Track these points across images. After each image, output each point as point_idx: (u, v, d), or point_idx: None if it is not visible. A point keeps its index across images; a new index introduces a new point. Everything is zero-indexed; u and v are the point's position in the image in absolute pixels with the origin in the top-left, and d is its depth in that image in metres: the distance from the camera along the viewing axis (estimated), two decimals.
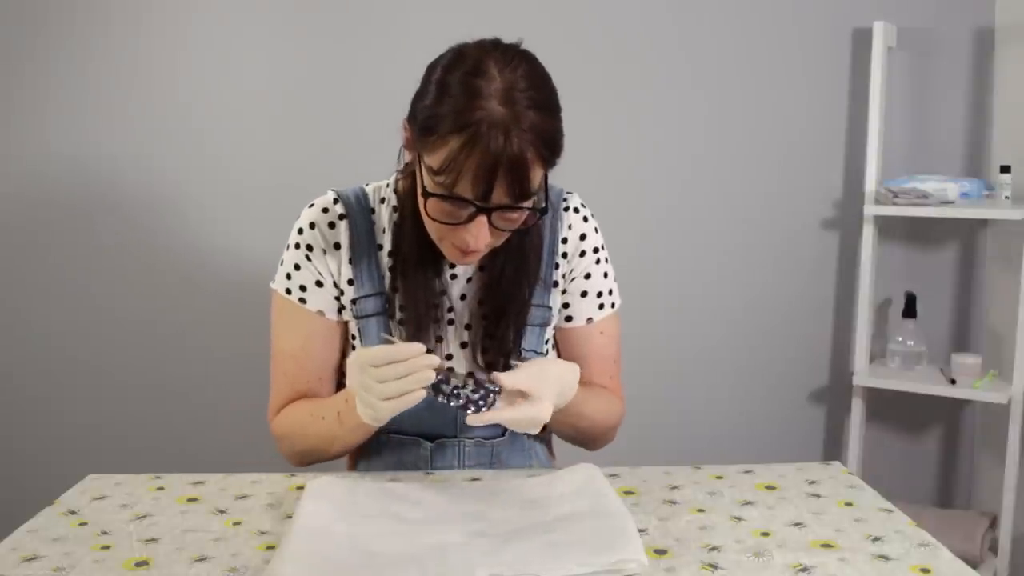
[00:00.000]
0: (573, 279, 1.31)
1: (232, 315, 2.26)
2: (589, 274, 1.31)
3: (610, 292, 1.34)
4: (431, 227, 1.13)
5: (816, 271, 2.41)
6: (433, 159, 1.05)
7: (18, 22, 2.17)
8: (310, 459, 1.28)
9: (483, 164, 1.02)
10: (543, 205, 1.12)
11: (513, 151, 1.02)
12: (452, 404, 1.09)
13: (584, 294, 1.31)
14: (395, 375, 1.04)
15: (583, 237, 1.30)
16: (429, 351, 1.05)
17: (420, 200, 1.10)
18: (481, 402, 1.09)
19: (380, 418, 1.10)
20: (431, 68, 1.11)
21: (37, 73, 2.19)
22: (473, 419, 1.08)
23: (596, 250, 1.32)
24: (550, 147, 1.07)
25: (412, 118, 1.11)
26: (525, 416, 1.09)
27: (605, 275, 1.33)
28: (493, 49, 1.08)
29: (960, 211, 2.16)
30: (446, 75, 1.06)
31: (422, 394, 1.05)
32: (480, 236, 1.08)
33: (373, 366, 1.04)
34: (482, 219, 1.07)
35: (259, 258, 2.11)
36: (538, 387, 1.11)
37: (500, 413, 1.08)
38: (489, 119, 1.02)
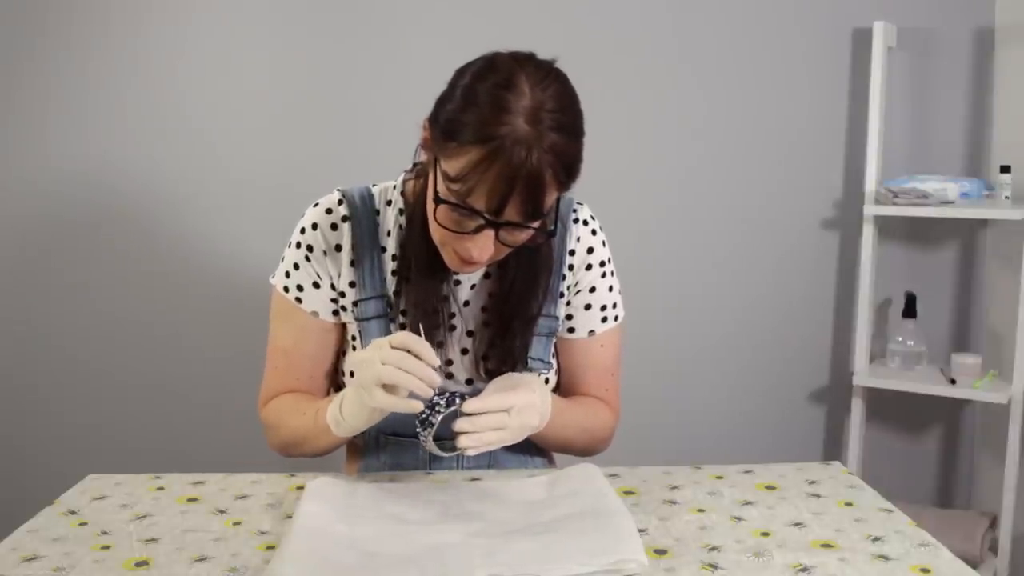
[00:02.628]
0: (578, 292, 1.31)
1: (232, 315, 2.26)
2: (594, 287, 1.31)
3: (614, 305, 1.33)
4: (436, 232, 1.12)
5: (816, 271, 2.41)
6: (450, 166, 1.04)
7: (18, 22, 2.17)
8: (292, 452, 1.28)
9: (500, 179, 1.01)
10: (552, 227, 1.11)
11: (532, 170, 1.01)
12: (422, 434, 1.10)
13: (588, 307, 1.31)
14: (400, 364, 1.03)
15: (590, 251, 1.30)
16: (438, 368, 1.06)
17: (430, 204, 1.10)
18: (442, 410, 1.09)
19: (352, 426, 1.12)
20: (460, 72, 1.09)
21: (36, 73, 2.19)
22: (468, 441, 1.06)
23: (603, 263, 1.31)
24: (568, 171, 1.06)
25: (434, 120, 1.09)
26: (518, 398, 1.10)
27: (610, 288, 1.33)
28: (527, 63, 1.06)
29: (960, 211, 2.16)
30: (475, 83, 1.05)
31: (417, 405, 1.05)
32: (484, 249, 1.08)
33: (391, 345, 1.04)
34: (489, 233, 1.06)
35: (260, 258, 2.11)
36: (512, 382, 1.14)
37: (489, 400, 1.08)
38: (513, 135, 1.00)
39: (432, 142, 1.09)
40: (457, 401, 1.09)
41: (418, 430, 1.11)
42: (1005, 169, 2.16)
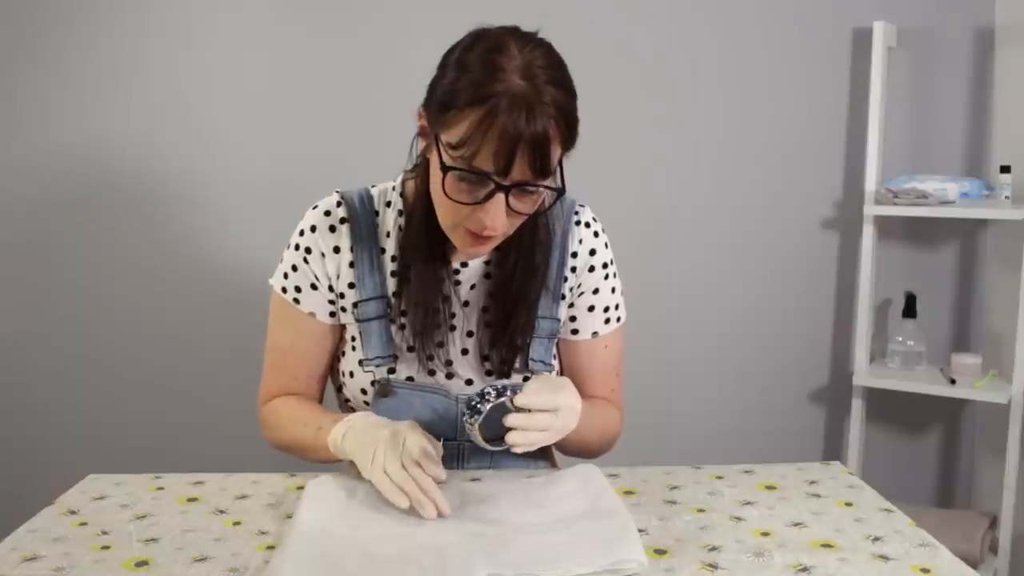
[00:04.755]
0: (581, 294, 1.31)
1: (232, 315, 2.26)
2: (597, 289, 1.31)
3: (616, 307, 1.34)
4: (446, 212, 1.11)
5: (816, 271, 2.41)
6: (451, 134, 1.05)
7: (19, 20, 2.17)
8: (289, 454, 1.30)
9: (504, 137, 1.01)
10: (560, 187, 1.11)
11: (535, 126, 1.01)
12: (468, 421, 1.10)
13: (591, 309, 1.31)
14: (414, 480, 1.05)
15: (593, 252, 1.30)
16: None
17: (436, 182, 1.09)
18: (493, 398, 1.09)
19: (349, 459, 1.14)
20: (449, 51, 1.10)
21: (37, 72, 2.19)
22: (518, 439, 1.06)
23: (605, 265, 1.31)
24: (569, 125, 1.06)
25: (428, 101, 1.10)
26: (563, 400, 1.10)
27: (613, 290, 1.33)
28: (513, 32, 1.09)
29: (960, 211, 2.16)
30: (465, 54, 1.06)
31: (404, 501, 1.06)
32: (497, 217, 1.07)
33: (411, 457, 1.06)
34: (500, 198, 1.06)
35: (260, 258, 2.11)
36: (554, 383, 1.14)
37: (540, 398, 1.08)
38: (510, 92, 1.01)
39: (429, 122, 1.10)
40: (508, 393, 1.08)
41: (464, 416, 1.10)
42: (1005, 169, 2.16)
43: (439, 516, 1.06)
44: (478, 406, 1.09)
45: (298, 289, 1.26)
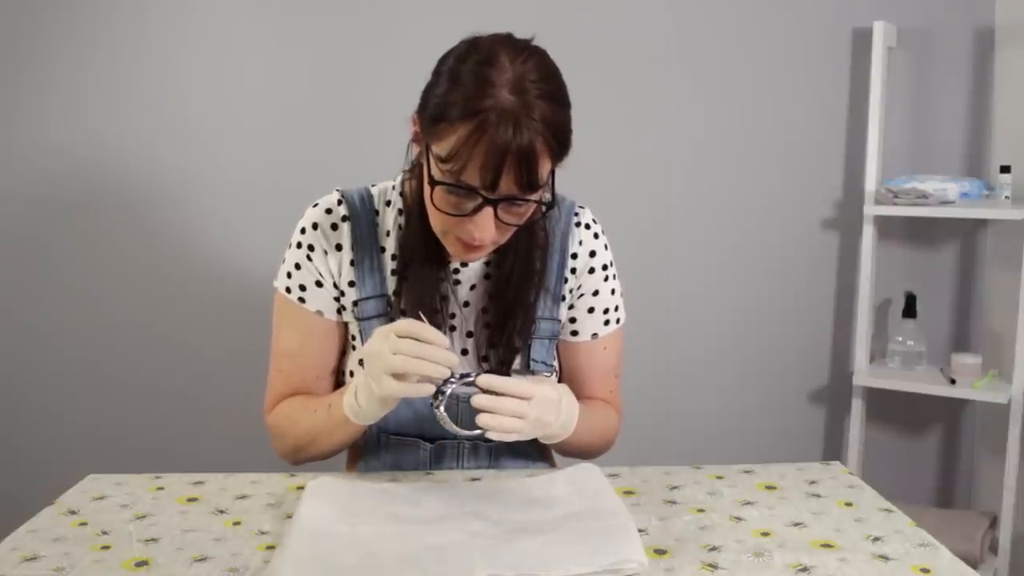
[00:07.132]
0: (581, 295, 1.31)
1: (232, 315, 2.26)
2: (597, 291, 1.31)
3: (616, 308, 1.34)
4: (436, 220, 1.12)
5: (816, 271, 2.41)
6: (441, 147, 1.05)
7: (20, 19, 2.17)
8: (301, 456, 1.27)
9: (491, 152, 1.01)
10: (549, 199, 1.11)
11: (522, 141, 1.01)
12: (434, 403, 1.08)
13: (591, 310, 1.31)
14: (412, 352, 1.02)
15: (593, 254, 1.30)
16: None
17: (426, 191, 1.09)
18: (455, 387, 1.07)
19: (369, 414, 1.10)
20: (443, 59, 1.10)
21: (38, 72, 2.19)
22: (488, 420, 1.04)
23: (605, 267, 1.31)
24: (559, 139, 1.06)
25: (422, 109, 1.10)
26: (539, 389, 1.08)
27: (613, 291, 1.33)
28: (505, 41, 1.08)
29: (960, 211, 2.16)
30: (458, 64, 1.06)
31: (428, 388, 1.04)
32: (486, 229, 1.07)
33: (396, 334, 1.03)
34: (488, 211, 1.06)
35: (260, 258, 2.11)
36: (537, 379, 1.13)
37: (507, 381, 1.06)
38: (498, 107, 1.01)
39: (422, 130, 1.10)
40: (472, 376, 1.07)
41: (431, 402, 1.08)
42: (1005, 169, 2.16)
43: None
44: (442, 388, 1.07)
45: (303, 288, 1.26)
